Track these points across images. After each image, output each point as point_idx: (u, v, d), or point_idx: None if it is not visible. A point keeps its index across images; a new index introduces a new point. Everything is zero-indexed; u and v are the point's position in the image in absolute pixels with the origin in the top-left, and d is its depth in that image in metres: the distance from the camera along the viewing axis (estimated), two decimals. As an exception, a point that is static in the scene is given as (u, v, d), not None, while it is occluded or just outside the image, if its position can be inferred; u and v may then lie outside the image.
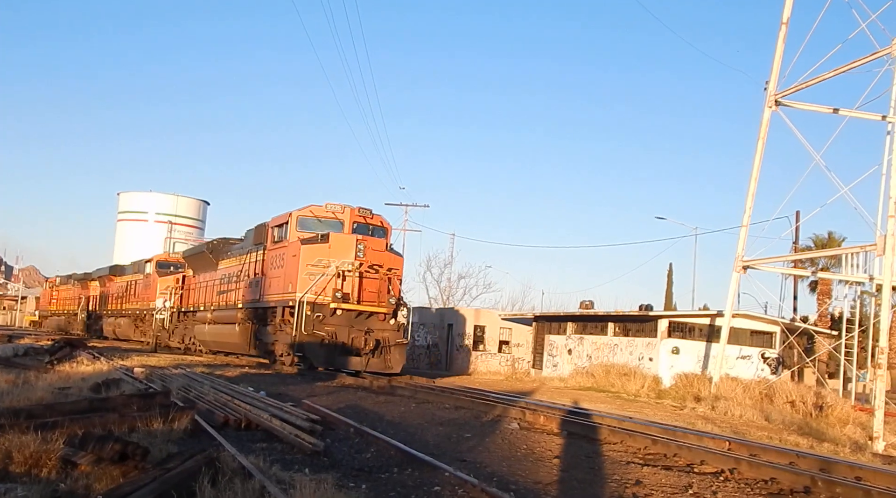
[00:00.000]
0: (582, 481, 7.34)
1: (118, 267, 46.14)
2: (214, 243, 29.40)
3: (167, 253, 39.00)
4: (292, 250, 21.22)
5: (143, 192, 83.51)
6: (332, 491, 5.90)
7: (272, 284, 22.32)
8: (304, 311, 19.76)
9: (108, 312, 43.92)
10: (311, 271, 20.20)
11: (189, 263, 33.01)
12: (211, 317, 27.56)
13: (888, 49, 18.38)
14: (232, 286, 26.07)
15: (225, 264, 27.86)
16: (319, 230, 21.23)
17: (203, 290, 29.54)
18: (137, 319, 38.25)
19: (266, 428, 9.46)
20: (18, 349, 22.81)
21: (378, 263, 20.74)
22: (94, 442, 6.50)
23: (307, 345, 19.82)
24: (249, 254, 24.85)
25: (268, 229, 23.55)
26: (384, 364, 20.39)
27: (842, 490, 7.04)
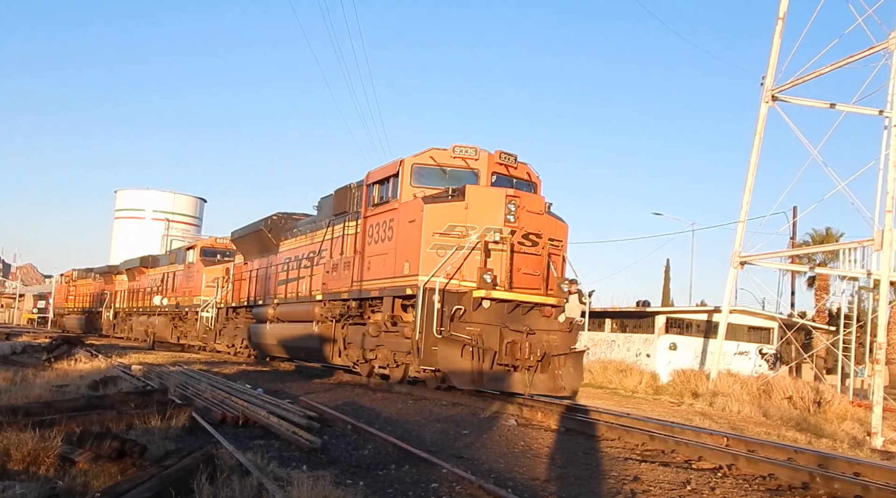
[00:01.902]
0: (579, 478, 7.35)
1: (151, 258, 40.48)
2: (274, 219, 23.13)
3: (213, 238, 32.24)
4: (408, 213, 14.56)
5: (141, 189, 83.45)
6: (329, 488, 5.90)
7: (373, 265, 15.76)
8: (433, 302, 13.22)
9: (139, 310, 37.93)
10: (439, 243, 13.81)
11: (239, 246, 26.49)
12: (274, 313, 21.67)
13: (885, 44, 18.39)
14: (303, 272, 19.86)
15: (289, 245, 21.82)
16: (443, 184, 14.69)
17: (259, 279, 23.68)
18: (176, 318, 32.79)
19: (263, 425, 9.46)
20: (16, 347, 22.80)
21: (536, 232, 14.14)
22: (92, 439, 6.50)
23: (441, 354, 13.04)
24: (330, 228, 18.33)
25: (362, 190, 16.77)
26: (554, 383, 13.67)
27: (840, 486, 7.04)
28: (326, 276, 18.00)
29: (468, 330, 13.17)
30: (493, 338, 13.23)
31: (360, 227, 16.60)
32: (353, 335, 16.90)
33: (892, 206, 17.17)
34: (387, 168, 15.79)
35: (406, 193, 14.96)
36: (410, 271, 14.10)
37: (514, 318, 13.59)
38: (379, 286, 15.37)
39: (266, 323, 22.18)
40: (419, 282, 13.53)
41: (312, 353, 19.23)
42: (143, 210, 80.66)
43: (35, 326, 69.75)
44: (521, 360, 13.25)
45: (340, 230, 17.68)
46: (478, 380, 13.02)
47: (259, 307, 23.13)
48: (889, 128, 18.50)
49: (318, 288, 18.61)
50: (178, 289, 33.09)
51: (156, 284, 36.18)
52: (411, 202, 14.64)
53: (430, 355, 13.20)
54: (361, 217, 16.59)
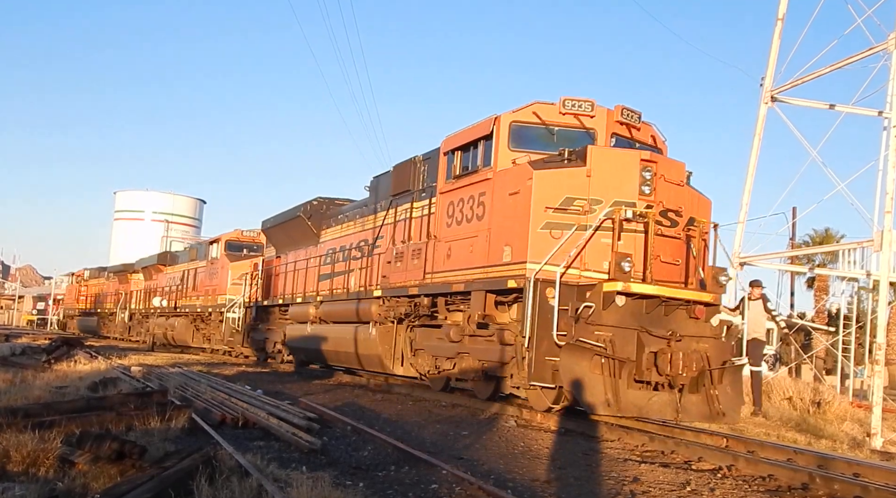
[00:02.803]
0: (579, 478, 7.35)
1: (169, 254, 37.76)
2: (314, 204, 20.30)
3: (239, 230, 29.06)
4: (509, 183, 11.48)
5: (140, 190, 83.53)
6: (329, 489, 5.90)
7: (454, 252, 12.73)
8: (546, 298, 10.36)
9: (157, 311, 35.05)
10: (553, 221, 10.78)
11: (270, 238, 23.59)
12: (316, 313, 18.75)
13: (884, 44, 18.40)
14: (353, 264, 17.05)
15: (333, 233, 19.09)
16: (550, 148, 11.66)
17: (296, 274, 20.64)
18: (198, 319, 29.99)
19: (263, 426, 9.47)
20: (16, 348, 22.78)
21: (675, 208, 11.11)
22: (92, 441, 6.50)
23: (564, 367, 9.96)
24: (389, 211, 15.59)
25: (435, 161, 13.81)
26: (709, 407, 10.45)
27: (840, 487, 7.05)
28: (386, 267, 15.07)
29: (597, 335, 9.99)
30: (628, 345, 10.10)
31: (433, 207, 13.64)
32: (423, 340, 14.05)
33: (892, 206, 17.17)
34: (474, 129, 12.63)
35: (503, 159, 11.86)
36: (514, 258, 11.10)
37: (655, 319, 10.43)
38: (463, 278, 12.30)
39: (306, 324, 19.11)
40: (527, 271, 10.59)
41: (368, 360, 16.03)
42: (142, 211, 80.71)
43: (35, 327, 69.72)
44: (673, 375, 9.99)
45: (404, 212, 14.87)
46: (613, 402, 9.80)
47: (297, 306, 20.16)
48: (888, 128, 18.50)
49: (373, 282, 15.73)
50: (199, 287, 30.21)
51: (175, 284, 33.23)
52: (513, 169, 11.52)
53: (544, 368, 10.34)
54: (436, 193, 13.49)
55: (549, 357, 10.29)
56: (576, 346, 9.88)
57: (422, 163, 14.71)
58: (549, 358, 10.29)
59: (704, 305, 10.82)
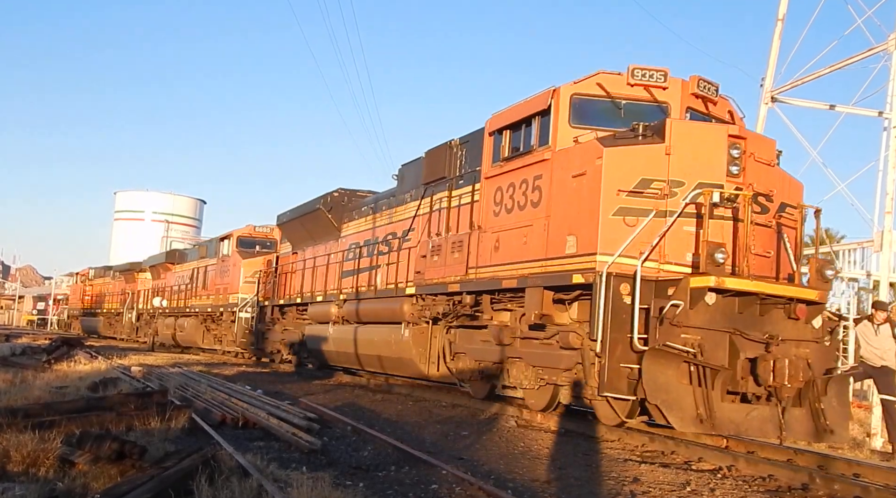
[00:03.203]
0: (579, 479, 7.35)
1: (178, 252, 36.60)
2: (335, 196, 18.88)
3: (251, 226, 27.78)
4: (572, 163, 10.17)
5: (140, 190, 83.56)
6: (329, 489, 5.90)
7: (503, 244, 11.34)
8: (619, 294, 9.06)
9: (165, 311, 33.88)
10: (627, 206, 9.49)
11: (286, 233, 22.33)
12: (338, 312, 17.46)
13: (884, 45, 18.40)
14: (380, 259, 15.77)
15: (356, 227, 17.80)
16: (617, 124, 10.48)
17: (315, 270, 19.28)
18: (209, 319, 28.90)
19: (263, 426, 9.47)
20: (16, 348, 22.78)
21: (766, 192, 9.78)
22: (92, 441, 6.50)
23: (648, 376, 8.60)
24: (422, 200, 14.28)
25: (479, 142, 12.50)
26: (815, 423, 9.13)
27: (840, 487, 7.05)
28: (421, 262, 13.71)
29: (683, 338, 8.67)
30: (719, 351, 8.79)
31: (476, 194, 12.37)
32: (464, 342, 12.79)
33: (892, 207, 17.17)
34: (527, 104, 11.25)
35: (564, 137, 10.57)
36: (580, 249, 9.73)
37: (748, 320, 9.13)
38: (515, 273, 10.94)
39: (328, 324, 17.78)
40: (597, 264, 9.27)
41: (400, 364, 14.65)
42: (142, 211, 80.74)
43: (35, 327, 69.70)
44: (777, 386, 8.69)
45: (440, 202, 13.60)
46: (706, 418, 8.49)
47: (317, 305, 18.84)
48: (888, 129, 18.50)
49: (405, 279, 14.32)
50: (210, 286, 28.95)
51: (184, 282, 32.03)
52: (577, 148, 10.25)
53: (618, 376, 8.97)
54: (480, 179, 12.23)
55: (625, 364, 8.95)
56: (661, 351, 8.57)
57: (459, 147, 13.55)
58: (625, 365, 8.95)
59: (808, 303, 9.43)
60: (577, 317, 10.33)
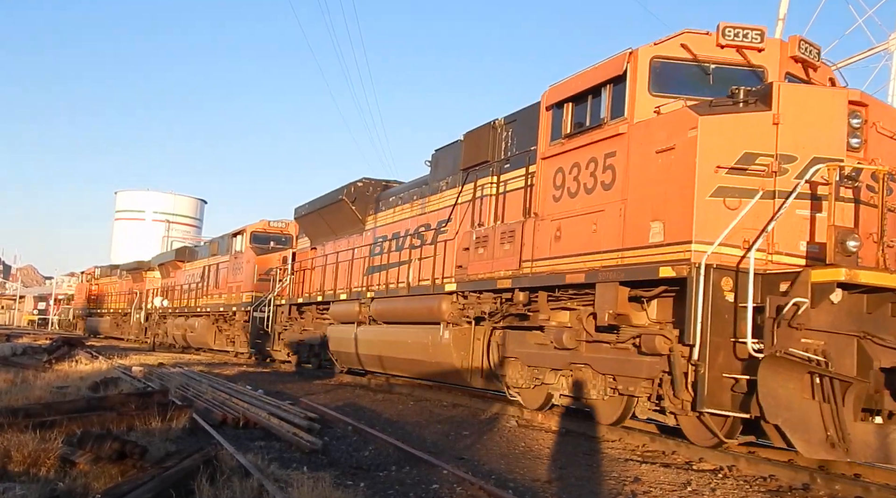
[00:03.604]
0: (580, 478, 7.35)
1: (188, 250, 35.10)
2: (359, 186, 17.64)
3: (265, 221, 26.47)
4: (656, 137, 8.80)
5: (141, 190, 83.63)
6: (329, 489, 5.91)
7: (566, 232, 9.95)
8: (720, 290, 7.84)
9: (175, 311, 32.37)
10: (727, 186, 8.14)
11: (304, 227, 21.17)
12: (365, 312, 15.97)
13: (885, 45, 18.42)
14: (412, 253, 14.34)
15: (383, 219, 16.57)
16: (705, 92, 9.03)
17: (339, 267, 17.77)
18: (220, 319, 27.67)
19: (264, 426, 9.47)
20: (17, 348, 22.81)
21: (892, 169, 8.17)
22: (93, 441, 6.50)
23: (765, 390, 7.23)
24: (459, 189, 13.04)
25: (535, 117, 11.03)
26: None
27: (841, 487, 7.04)
28: (463, 255, 12.31)
29: (805, 343, 7.33)
30: (846, 358, 7.44)
31: (531, 178, 11.02)
32: (515, 345, 11.46)
33: (893, 206, 17.16)
34: (595, 71, 9.89)
35: (643, 107, 9.17)
36: (668, 237, 8.36)
37: (879, 322, 7.73)
38: (583, 265, 9.49)
39: (353, 325, 16.31)
40: (692, 254, 7.95)
41: (436, 369, 13.16)
42: (143, 211, 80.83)
43: (36, 327, 69.73)
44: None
45: (484, 188, 12.34)
46: (838, 440, 7.10)
47: (340, 304, 17.43)
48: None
49: (443, 274, 12.98)
50: (222, 284, 27.67)
51: (194, 281, 30.70)
52: (661, 119, 8.83)
53: (720, 388, 7.69)
54: (535, 160, 10.88)
55: (729, 374, 7.68)
56: (780, 359, 7.18)
57: (504, 127, 12.28)
58: (729, 375, 7.69)
59: None
60: (655, 317, 9.13)
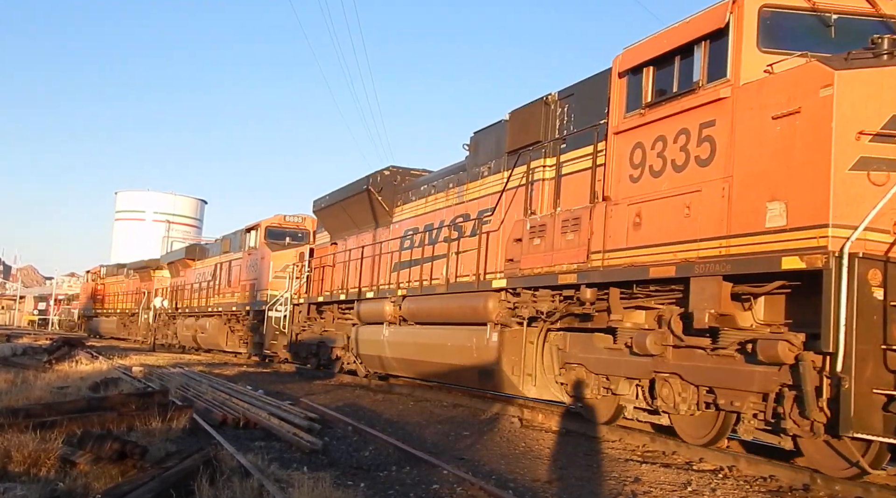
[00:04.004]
0: (580, 479, 7.35)
1: (199, 247, 33.70)
2: (385, 175, 16.37)
3: (281, 216, 25.14)
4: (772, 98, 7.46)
5: (141, 190, 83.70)
6: (330, 489, 5.91)
7: (648, 218, 8.73)
8: (867, 288, 6.54)
9: (185, 311, 31.19)
10: (873, 156, 6.81)
11: (324, 220, 19.93)
12: (396, 311, 14.57)
13: (886, 46, 18.39)
14: (449, 247, 12.99)
15: (413, 210, 15.27)
16: (825, 46, 7.73)
17: (363, 263, 16.60)
18: (233, 319, 26.43)
19: (264, 426, 9.47)
20: (17, 349, 22.82)
21: None
22: (93, 441, 6.51)
23: None
24: (506, 174, 11.71)
25: (605, 87, 9.77)
26: None
27: (841, 487, 7.03)
28: (514, 247, 10.93)
29: None
30: None
31: (599, 156, 9.66)
32: (579, 350, 10.22)
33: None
34: (686, 27, 8.51)
35: (750, 66, 7.78)
36: (792, 220, 7.04)
37: None
38: (673, 256, 8.22)
39: (382, 325, 15.00)
40: (829, 241, 6.65)
41: (482, 376, 11.75)
42: (143, 211, 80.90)
43: (36, 327, 69.74)
44: None
45: (537, 172, 10.96)
46: None
47: (367, 303, 16.01)
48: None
49: (488, 269, 11.65)
50: (235, 283, 26.30)
51: (205, 279, 29.42)
52: (783, 77, 7.46)
53: (871, 409, 6.48)
54: (606, 135, 9.54)
55: (880, 390, 6.46)
56: None
57: (558, 103, 10.98)
58: (880, 391, 6.46)
59: None
60: (763, 317, 7.91)
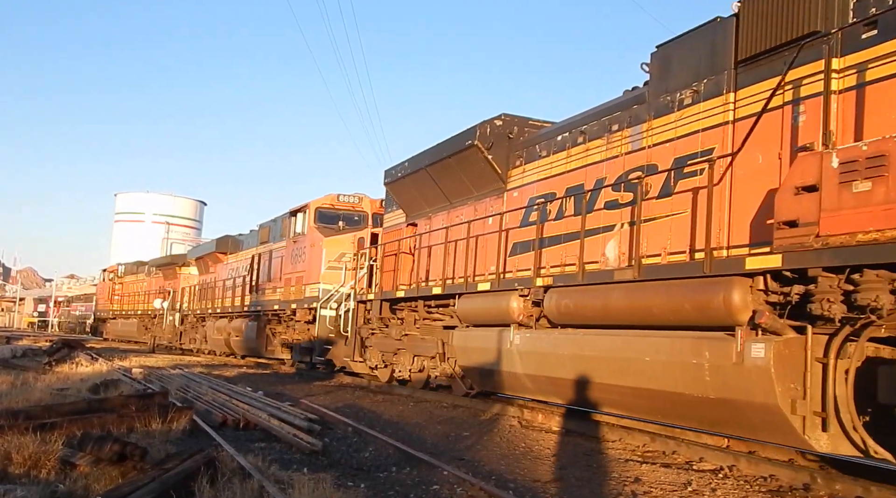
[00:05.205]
0: (580, 479, 7.35)
1: (231, 240, 28.42)
2: (496, 126, 12.37)
3: (333, 196, 20.72)
4: None
5: (141, 192, 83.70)
6: (330, 490, 5.91)
7: None
8: None
9: (216, 311, 27.31)
10: None
11: (399, 195, 15.66)
12: (531, 310, 10.86)
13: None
14: (621, 215, 9.56)
15: (542, 169, 11.38)
16: None
17: (469, 243, 12.58)
18: (274, 320, 22.56)
19: (264, 428, 9.47)
20: (17, 350, 22.81)
21: None
22: (93, 443, 6.51)
23: None
24: (742, 94, 8.00)
25: None
26: None
27: (841, 487, 7.03)
28: (792, 203, 6.66)
29: None
30: None
31: None
32: None
33: None
34: None
35: None
36: None
37: None
38: None
39: (502, 329, 11.19)
40: None
41: (727, 414, 7.80)
42: (143, 213, 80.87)
43: (35, 329, 69.72)
44: None
45: (808, 85, 7.22)
46: None
47: (473, 298, 12.14)
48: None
49: (708, 242, 7.77)
50: (275, 277, 22.54)
51: (240, 274, 25.53)
52: None
53: None
54: None
55: None
56: None
57: None
58: None
59: None
60: None
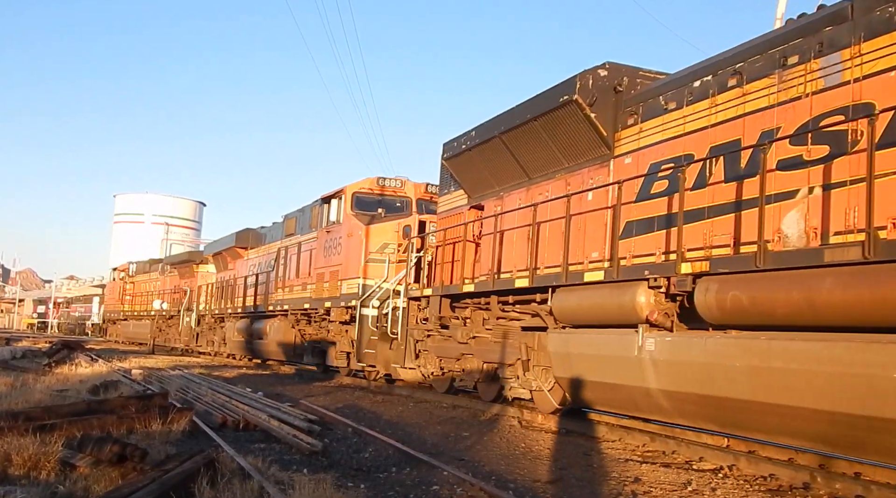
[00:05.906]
0: (580, 479, 7.35)
1: (252, 233, 25.81)
2: (601, 76, 10.10)
3: (372, 179, 17.88)
4: None
5: (140, 193, 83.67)
6: (330, 491, 5.91)
7: None
8: None
9: (236, 311, 25.19)
10: None
11: (460, 172, 13.53)
12: (701, 302, 7.83)
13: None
14: (809, 176, 7.07)
15: (668, 128, 9.08)
16: None
17: (570, 223, 10.09)
18: (303, 321, 20.00)
19: (264, 428, 9.47)
20: (16, 352, 22.80)
21: None
22: (93, 444, 6.51)
23: None
24: None
25: None
26: None
27: (841, 486, 7.04)
28: None
29: None
30: None
31: None
32: None
33: None
34: None
35: None
36: None
37: None
38: None
39: (627, 333, 8.97)
40: None
41: None
42: (142, 214, 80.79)
43: (35, 330, 69.69)
44: None
45: None
46: None
47: (581, 293, 9.88)
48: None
49: None
50: (304, 271, 19.93)
51: (263, 270, 23.22)
52: None
53: None
54: None
55: None
56: None
57: None
58: None
59: None
60: None
